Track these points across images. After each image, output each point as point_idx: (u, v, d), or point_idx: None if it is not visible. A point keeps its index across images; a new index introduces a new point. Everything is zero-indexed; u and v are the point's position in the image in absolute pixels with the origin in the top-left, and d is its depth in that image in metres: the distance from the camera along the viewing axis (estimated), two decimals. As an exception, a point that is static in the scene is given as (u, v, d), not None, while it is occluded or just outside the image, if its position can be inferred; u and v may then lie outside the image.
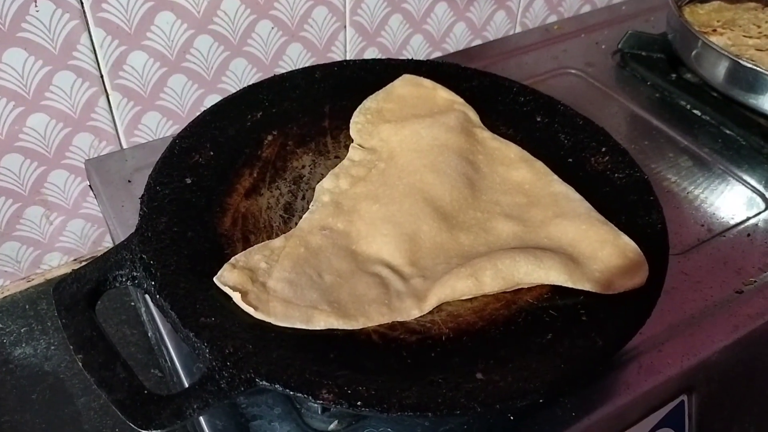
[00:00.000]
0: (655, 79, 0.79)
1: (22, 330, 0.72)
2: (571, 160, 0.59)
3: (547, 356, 0.43)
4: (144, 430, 0.37)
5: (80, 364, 0.40)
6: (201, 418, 0.46)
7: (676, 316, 0.54)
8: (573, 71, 0.80)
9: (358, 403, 0.39)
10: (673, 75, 0.79)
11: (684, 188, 0.66)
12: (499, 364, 0.43)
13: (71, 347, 0.41)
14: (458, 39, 0.91)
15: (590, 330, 0.45)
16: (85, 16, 0.64)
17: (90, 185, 0.66)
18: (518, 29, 0.97)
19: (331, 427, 0.46)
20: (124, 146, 0.73)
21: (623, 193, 0.55)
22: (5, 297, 0.74)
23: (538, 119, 0.62)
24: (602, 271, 0.48)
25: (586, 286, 0.47)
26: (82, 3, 0.63)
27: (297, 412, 0.47)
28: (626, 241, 0.50)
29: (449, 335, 0.45)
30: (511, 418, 0.47)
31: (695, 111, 0.75)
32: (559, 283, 0.47)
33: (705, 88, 0.75)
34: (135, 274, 0.46)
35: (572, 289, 0.47)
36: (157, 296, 0.44)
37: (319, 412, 0.45)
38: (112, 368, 0.40)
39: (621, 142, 0.58)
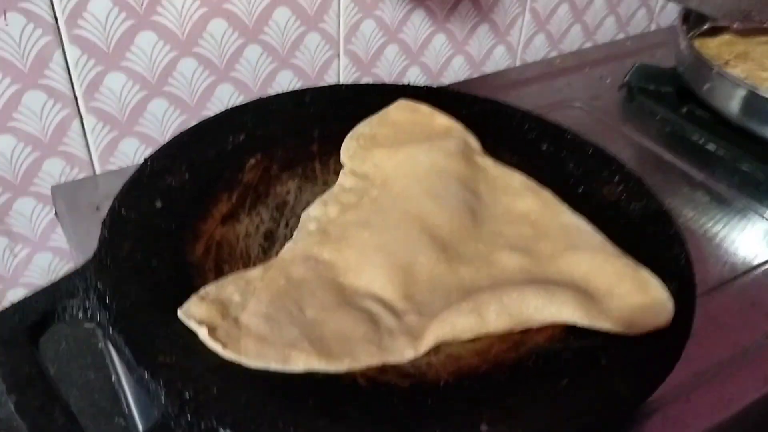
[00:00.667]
0: (665, 113, 0.75)
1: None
2: (580, 190, 0.54)
3: (563, 406, 0.37)
4: (80, 489, 0.31)
5: (12, 406, 0.34)
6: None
7: (702, 362, 0.48)
8: (577, 105, 0.76)
9: (339, 460, 0.33)
10: (684, 109, 0.75)
11: (702, 225, 0.61)
12: (507, 414, 0.37)
13: (5, 387, 0.35)
14: (456, 72, 0.88)
15: (611, 376, 0.39)
16: (59, 33, 0.59)
17: (56, 212, 0.61)
18: (518, 65, 0.93)
19: (310, 487, 0.39)
20: (98, 174, 0.67)
21: (640, 226, 0.50)
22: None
23: (544, 147, 0.58)
24: (621, 309, 0.42)
25: (604, 326, 0.41)
26: (56, 18, 0.59)
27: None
28: (647, 275, 0.44)
29: (448, 380, 0.39)
30: (520, 478, 0.40)
31: (709, 146, 0.71)
32: (574, 322, 0.42)
33: (719, 121, 0.71)
34: (87, 304, 0.40)
35: (588, 329, 0.42)
36: (111, 330, 0.38)
37: (296, 469, 0.39)
38: (49, 413, 0.34)
39: (633, 174, 0.54)
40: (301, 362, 0.39)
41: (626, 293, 0.43)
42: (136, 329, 0.38)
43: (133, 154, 0.69)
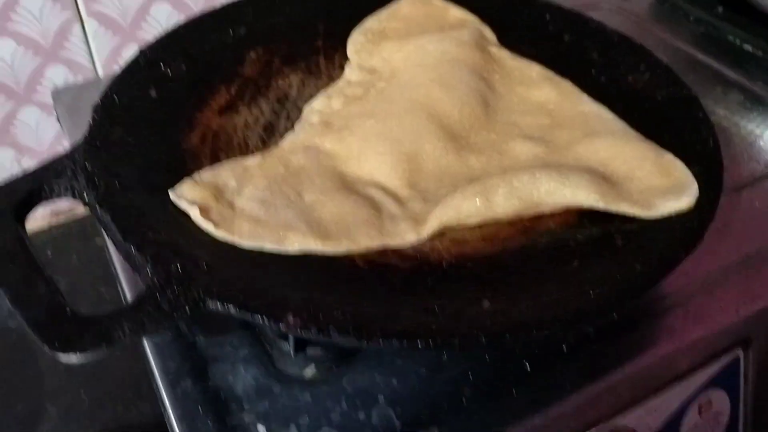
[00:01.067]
0: (698, 14, 0.70)
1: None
2: (604, 78, 0.50)
3: (572, 284, 0.34)
4: (61, 352, 0.30)
5: (-7, 279, 0.33)
6: (150, 358, 0.38)
7: (730, 257, 0.45)
8: (605, 6, 0.71)
9: (331, 328, 0.31)
10: (720, 8, 0.69)
11: (735, 123, 0.57)
12: (512, 291, 0.34)
13: (-13, 262, 0.34)
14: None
15: (627, 256, 0.36)
16: (54, -74, 0.57)
17: (57, 117, 0.59)
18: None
19: (308, 372, 0.38)
20: (102, 78, 0.66)
21: (667, 111, 0.46)
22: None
23: (566, 38, 0.54)
24: (642, 191, 0.39)
25: (621, 208, 0.38)
26: None
27: (267, 355, 0.39)
28: (670, 157, 0.41)
29: (451, 262, 0.37)
30: (528, 367, 0.38)
31: (746, 46, 0.66)
32: (589, 205, 0.39)
33: (756, 21, 0.66)
34: (74, 184, 0.38)
35: (605, 214, 0.39)
36: (98, 208, 0.36)
37: (292, 352, 0.37)
38: (31, 284, 0.33)
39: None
40: (296, 243, 0.37)
41: (647, 176, 0.40)
42: (125, 207, 0.37)
43: (137, 61, 0.66)
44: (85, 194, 0.38)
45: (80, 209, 0.72)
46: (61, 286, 0.36)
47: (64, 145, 0.67)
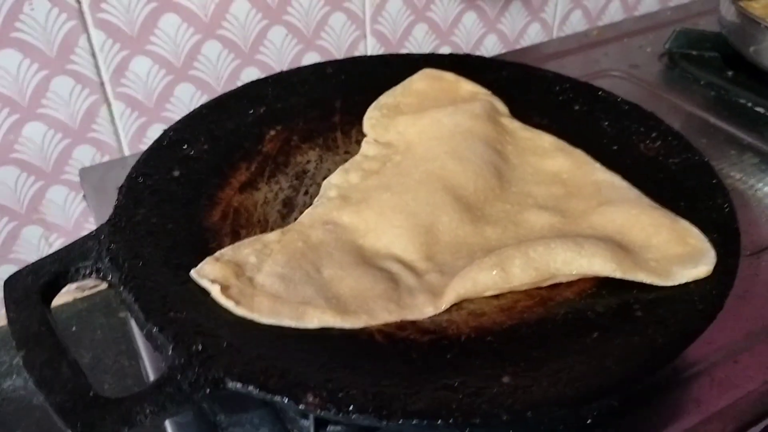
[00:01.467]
0: (709, 78, 0.71)
1: (13, 361, 0.66)
2: (616, 147, 0.51)
3: (593, 357, 0.34)
4: (83, 438, 0.30)
5: (21, 361, 0.34)
6: (171, 438, 0.38)
7: (753, 323, 0.44)
8: (616, 74, 0.73)
9: (351, 408, 0.31)
10: (730, 73, 0.71)
11: (751, 186, 0.57)
12: (532, 366, 0.34)
13: (14, 343, 0.35)
14: (489, 52, 0.85)
15: (647, 327, 0.36)
16: (83, 17, 0.60)
17: (84, 195, 0.61)
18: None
19: (329, 451, 0.38)
20: (127, 156, 0.68)
21: (681, 178, 0.47)
22: (1, 327, 0.69)
23: (577, 108, 0.55)
24: (658, 259, 0.39)
25: (638, 277, 0.38)
26: (80, 2, 0.59)
27: (288, 433, 0.39)
28: (685, 225, 0.41)
29: (470, 335, 0.37)
30: (552, 441, 0.37)
31: (758, 108, 0.66)
32: (606, 274, 0.39)
33: (767, 84, 0.67)
34: (100, 265, 0.39)
35: (622, 283, 0.39)
36: (122, 288, 0.37)
37: (312, 431, 0.37)
38: (56, 367, 0.33)
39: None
40: (315, 319, 0.38)
41: (663, 243, 0.40)
42: (147, 287, 0.37)
43: (161, 139, 0.69)
44: (109, 275, 0.39)
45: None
46: (85, 360, 0.36)
47: (90, 222, 0.69)
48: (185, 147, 0.50)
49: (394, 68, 0.60)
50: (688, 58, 0.73)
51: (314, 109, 0.56)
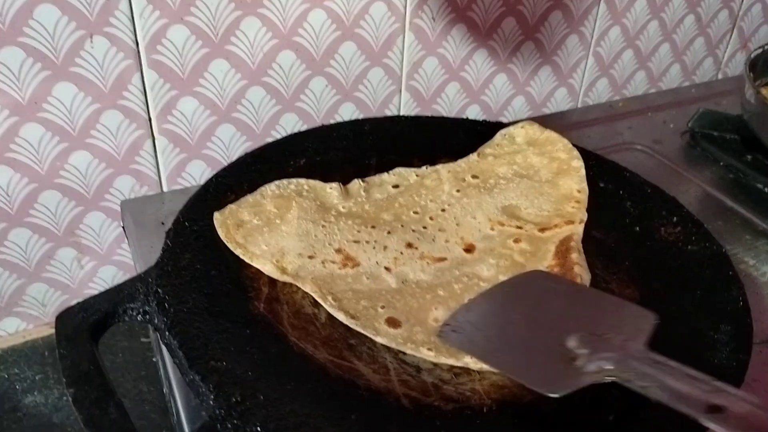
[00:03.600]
0: (728, 160, 0.73)
1: (36, 377, 0.69)
2: (638, 228, 0.53)
3: (608, 440, 0.36)
4: (127, 480, 0.32)
5: (71, 399, 0.36)
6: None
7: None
8: (639, 147, 0.76)
9: (378, 473, 0.33)
10: (749, 156, 0.73)
11: (764, 273, 0.59)
12: (550, 444, 0.36)
13: (64, 380, 0.37)
14: (516, 112, 0.88)
15: (659, 415, 0.38)
16: (139, 57, 0.63)
17: (123, 226, 0.63)
18: (580, 107, 0.93)
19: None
20: (166, 191, 0.70)
21: (697, 267, 0.49)
22: (26, 342, 0.71)
23: (602, 185, 0.57)
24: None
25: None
26: (137, 43, 0.63)
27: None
28: None
29: (492, 407, 0.39)
30: None
31: (774, 195, 0.69)
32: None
33: (785, 171, 0.69)
34: (147, 308, 0.42)
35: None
36: (167, 333, 0.40)
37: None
38: (104, 407, 0.36)
39: (693, 218, 0.53)
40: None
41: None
42: (191, 334, 0.40)
43: (199, 175, 0.71)
44: (155, 319, 0.41)
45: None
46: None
47: (123, 248, 0.71)
48: (229, 194, 0.53)
49: (429, 129, 0.63)
50: (709, 138, 0.76)
51: (350, 165, 0.59)
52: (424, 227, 0.52)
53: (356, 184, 0.55)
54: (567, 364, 0.37)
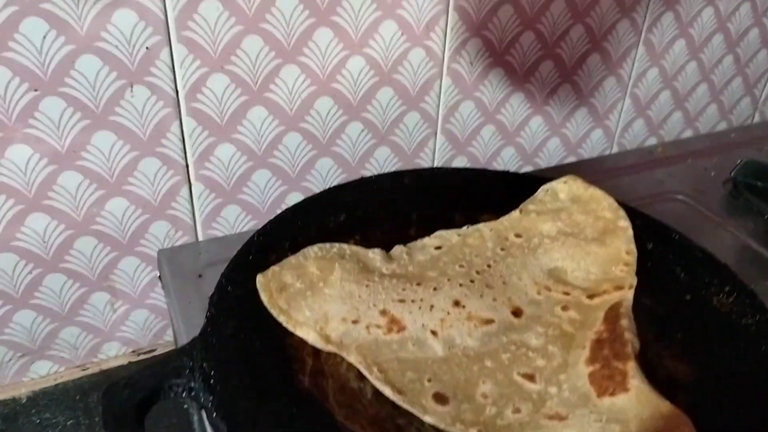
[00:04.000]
0: (773, 213, 0.72)
1: (68, 423, 0.68)
2: (689, 297, 0.52)
3: None
4: None
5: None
6: None
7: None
8: (680, 197, 0.74)
9: None
10: (794, 210, 0.71)
11: (816, 340, 0.57)
12: None
13: (112, 465, 0.36)
14: (551, 154, 0.87)
15: None
16: (179, 105, 0.63)
17: (159, 276, 0.63)
18: (615, 149, 0.92)
19: None
20: (200, 238, 0.70)
21: (753, 341, 0.47)
22: (57, 384, 0.71)
23: (650, 247, 0.56)
24: None
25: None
26: (177, 92, 0.62)
27: None
28: None
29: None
30: None
31: (822, 251, 0.67)
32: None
33: (833, 226, 0.68)
34: (193, 384, 0.41)
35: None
36: (214, 414, 0.39)
37: None
38: (152, 498, 0.35)
39: (738, 281, 0.51)
40: None
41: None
42: (238, 415, 0.39)
43: (233, 220, 0.71)
44: (201, 397, 0.40)
45: (158, 348, 0.75)
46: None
47: (156, 293, 0.71)
48: (270, 254, 0.52)
49: (469, 182, 0.62)
50: (752, 188, 0.74)
51: (391, 220, 0.58)
52: (471, 281, 0.51)
53: (398, 249, 0.54)
54: None
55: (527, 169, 0.86)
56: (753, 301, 0.50)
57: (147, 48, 0.60)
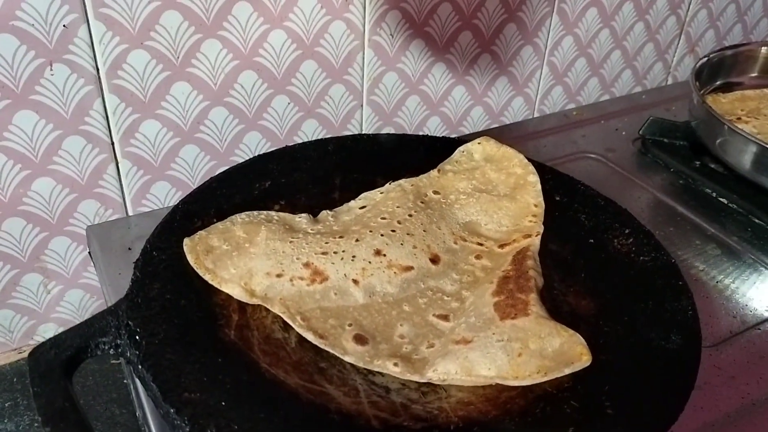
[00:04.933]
0: (678, 166, 0.76)
1: (6, 404, 0.68)
2: (592, 240, 0.56)
3: (568, 453, 0.38)
4: None
5: (47, 438, 0.36)
6: None
7: (711, 413, 0.49)
8: (592, 156, 0.78)
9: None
10: (697, 162, 0.76)
11: (713, 277, 0.62)
12: (514, 458, 0.38)
13: (40, 418, 0.37)
14: (475, 122, 0.91)
15: (616, 425, 0.40)
16: (100, 83, 0.63)
17: (89, 252, 0.64)
18: (536, 116, 0.96)
19: None
20: (131, 215, 0.71)
21: (649, 277, 0.51)
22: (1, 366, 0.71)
23: (557, 198, 0.60)
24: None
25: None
26: (97, 69, 0.63)
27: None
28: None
29: (458, 424, 0.41)
30: None
31: (722, 199, 0.72)
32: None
33: (731, 176, 0.73)
34: (119, 342, 0.42)
35: (596, 377, 0.43)
36: (140, 367, 0.40)
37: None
38: (81, 445, 0.36)
39: (645, 227, 0.56)
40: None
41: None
42: (164, 366, 0.41)
43: (164, 197, 0.72)
44: (127, 352, 0.42)
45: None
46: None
47: (88, 272, 0.71)
48: (195, 220, 0.53)
49: (391, 147, 0.64)
50: (659, 145, 0.79)
51: (316, 185, 0.60)
52: (392, 231, 0.53)
53: (324, 213, 0.56)
54: None
55: (453, 137, 0.89)
56: (649, 240, 0.54)
57: (64, 26, 0.60)
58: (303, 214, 0.55)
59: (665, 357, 0.44)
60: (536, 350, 0.42)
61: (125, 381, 0.70)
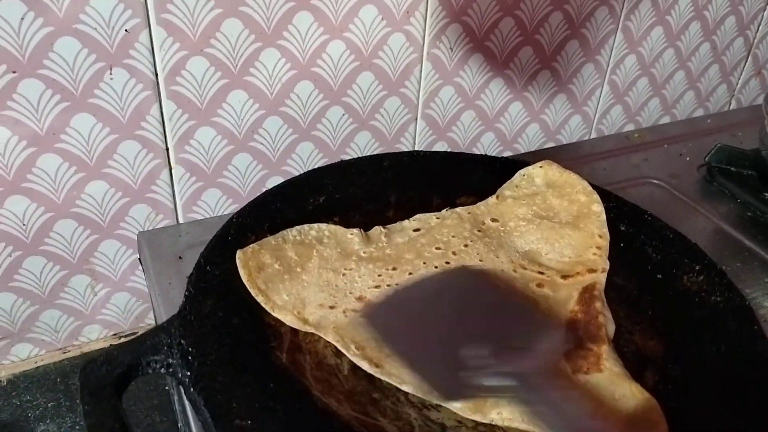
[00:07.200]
0: (745, 197, 0.73)
1: (49, 405, 0.68)
2: (660, 276, 0.53)
3: None
4: None
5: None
6: None
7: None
8: (655, 181, 0.75)
9: None
10: (766, 194, 0.73)
11: (783, 319, 0.59)
12: None
13: (90, 438, 0.37)
14: (530, 140, 0.88)
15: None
16: (158, 88, 0.63)
17: (139, 258, 0.63)
18: (593, 135, 0.93)
19: None
20: (181, 221, 0.70)
21: (722, 320, 0.48)
22: (38, 367, 0.71)
23: (622, 228, 0.57)
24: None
25: None
26: (156, 75, 0.62)
27: None
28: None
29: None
30: None
31: (792, 234, 0.68)
32: None
33: (803, 210, 0.69)
34: (171, 361, 0.41)
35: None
36: (191, 389, 0.39)
37: None
38: (130, 469, 0.35)
39: (710, 262, 0.53)
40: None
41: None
42: (215, 390, 0.39)
43: (214, 204, 0.71)
44: (179, 373, 0.41)
45: (140, 331, 0.75)
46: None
47: (136, 275, 0.71)
48: (249, 235, 0.52)
49: (448, 166, 0.63)
50: (726, 173, 0.76)
51: (370, 202, 0.59)
52: (447, 262, 0.52)
53: (377, 230, 0.54)
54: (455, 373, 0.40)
55: (507, 154, 0.86)
56: (722, 279, 0.51)
57: (126, 30, 0.59)
58: (354, 230, 0.54)
59: (741, 399, 0.42)
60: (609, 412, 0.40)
61: (167, 388, 0.70)
